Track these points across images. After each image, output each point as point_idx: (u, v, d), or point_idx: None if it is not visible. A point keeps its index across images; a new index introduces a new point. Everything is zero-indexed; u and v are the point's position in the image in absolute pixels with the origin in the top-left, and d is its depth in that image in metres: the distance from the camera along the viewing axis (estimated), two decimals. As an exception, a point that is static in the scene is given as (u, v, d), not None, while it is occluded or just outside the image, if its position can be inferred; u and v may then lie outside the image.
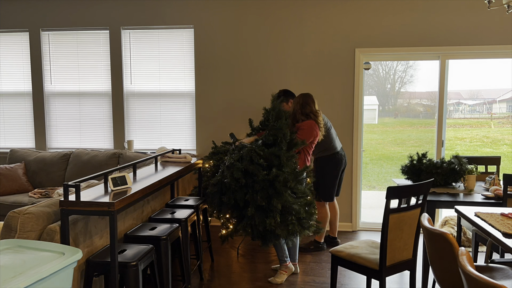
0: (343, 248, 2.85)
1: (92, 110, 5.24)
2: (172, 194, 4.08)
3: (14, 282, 1.67)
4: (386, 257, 2.59)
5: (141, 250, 2.65)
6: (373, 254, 2.73)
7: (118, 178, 2.69)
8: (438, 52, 4.55)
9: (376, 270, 2.62)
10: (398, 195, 2.62)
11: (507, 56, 4.55)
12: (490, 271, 2.37)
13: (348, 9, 4.65)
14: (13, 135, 5.44)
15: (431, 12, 4.52)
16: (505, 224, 2.40)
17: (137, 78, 5.11)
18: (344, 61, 4.69)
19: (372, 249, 2.84)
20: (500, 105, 15.24)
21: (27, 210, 2.42)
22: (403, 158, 4.36)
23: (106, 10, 5.03)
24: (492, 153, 11.92)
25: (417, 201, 2.69)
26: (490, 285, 1.42)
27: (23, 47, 5.28)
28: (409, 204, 2.64)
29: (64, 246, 2.06)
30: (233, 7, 4.82)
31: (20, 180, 4.76)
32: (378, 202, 7.21)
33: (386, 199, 2.56)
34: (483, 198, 3.29)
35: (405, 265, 2.75)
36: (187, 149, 5.10)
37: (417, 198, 2.69)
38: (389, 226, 2.57)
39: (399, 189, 2.60)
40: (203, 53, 4.92)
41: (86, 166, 4.76)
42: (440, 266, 2.16)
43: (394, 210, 2.58)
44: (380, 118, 15.49)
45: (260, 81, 4.84)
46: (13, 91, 5.36)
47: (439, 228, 2.15)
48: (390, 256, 2.62)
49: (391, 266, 2.64)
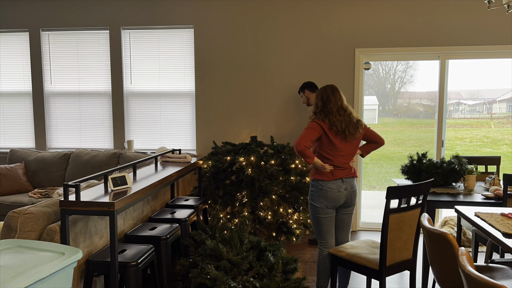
0: (343, 248, 2.85)
1: (92, 110, 5.24)
2: (172, 194, 4.08)
3: (14, 282, 1.67)
4: (386, 257, 2.59)
5: (141, 250, 2.65)
6: (373, 254, 2.74)
7: (118, 178, 2.69)
8: (438, 52, 4.55)
9: (376, 270, 2.62)
10: (398, 195, 2.61)
11: (507, 56, 4.55)
12: (490, 271, 2.37)
13: (348, 9, 4.65)
14: (13, 135, 5.44)
15: (431, 12, 4.52)
16: (505, 224, 2.40)
17: (137, 78, 5.11)
18: (344, 61, 4.69)
19: (372, 249, 2.84)
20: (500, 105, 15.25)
21: (27, 210, 2.42)
22: (403, 158, 4.35)
23: (106, 10, 5.03)
24: (492, 153, 11.92)
25: (417, 201, 2.69)
26: (490, 285, 1.42)
27: (23, 47, 5.28)
28: (409, 204, 2.64)
29: (64, 246, 2.06)
30: (233, 7, 4.82)
31: (20, 180, 4.76)
32: (378, 202, 7.21)
33: (386, 199, 2.56)
34: (483, 198, 3.29)
35: (405, 265, 2.75)
36: (187, 149, 5.10)
37: (417, 198, 2.69)
38: (389, 226, 2.56)
39: (399, 189, 2.60)
40: (203, 53, 4.92)
41: (86, 166, 4.76)
42: (440, 266, 2.16)
43: (394, 210, 2.58)
44: (380, 118, 15.50)
45: (260, 81, 4.84)
46: (13, 91, 5.36)
47: (439, 228, 2.15)
48: (390, 256, 2.62)
49: (391, 266, 2.64)
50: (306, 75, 4.75)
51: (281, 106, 4.79)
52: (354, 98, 4.68)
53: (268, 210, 4.15)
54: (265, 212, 4.15)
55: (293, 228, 4.08)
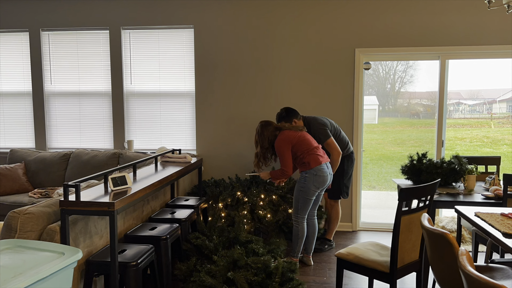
0: (349, 251, 2.82)
1: (92, 110, 5.24)
2: (172, 194, 4.08)
3: (14, 282, 1.67)
4: (397, 260, 2.55)
5: (141, 250, 2.65)
6: (381, 257, 2.70)
7: (118, 178, 2.69)
8: (438, 52, 4.55)
9: (386, 272, 2.58)
10: (411, 197, 2.57)
11: (507, 56, 4.55)
12: (490, 271, 2.37)
13: (348, 9, 4.65)
14: (13, 135, 5.44)
15: (431, 12, 4.52)
16: (505, 224, 2.40)
17: (137, 78, 5.11)
18: (344, 61, 4.69)
19: (378, 251, 2.80)
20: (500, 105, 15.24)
21: (27, 210, 2.42)
22: (403, 158, 4.36)
23: (106, 10, 5.03)
24: (492, 153, 11.92)
25: (424, 202, 2.66)
26: (490, 285, 1.42)
27: (23, 47, 5.28)
28: (418, 205, 2.62)
29: (64, 246, 2.06)
30: (233, 7, 4.82)
31: (20, 180, 4.76)
32: (378, 202, 7.21)
33: (398, 201, 2.52)
34: (483, 198, 3.29)
35: (413, 267, 2.72)
36: (187, 149, 5.10)
37: (425, 199, 2.66)
38: (400, 229, 2.54)
39: (412, 190, 2.56)
40: (203, 53, 4.92)
41: (86, 166, 4.75)
42: (440, 266, 2.16)
43: (405, 212, 2.54)
44: (380, 118, 15.49)
45: (260, 81, 4.84)
46: (13, 91, 5.36)
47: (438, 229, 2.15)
48: (400, 258, 2.59)
49: (400, 268, 2.61)
50: (306, 75, 4.75)
51: (281, 105, 4.78)
52: (354, 98, 4.68)
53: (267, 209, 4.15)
54: (264, 211, 4.15)
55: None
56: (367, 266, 2.68)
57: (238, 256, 2.86)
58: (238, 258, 2.84)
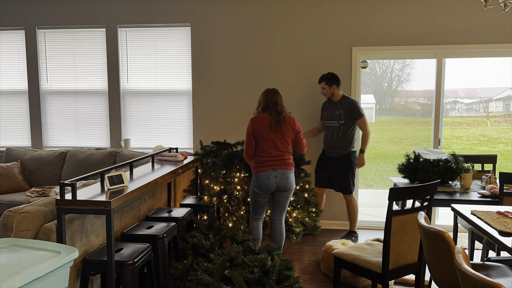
0: (348, 251, 2.81)
1: (89, 109, 5.22)
2: (169, 192, 4.08)
3: (10, 281, 1.67)
4: (388, 260, 2.53)
5: (138, 249, 2.64)
6: (377, 257, 2.69)
7: (114, 177, 2.68)
8: (435, 50, 4.56)
9: (379, 273, 2.57)
10: (401, 197, 2.52)
11: (503, 55, 4.56)
12: (486, 269, 2.38)
13: (345, 8, 4.64)
14: (9, 134, 5.41)
15: (428, 10, 4.53)
16: (501, 222, 2.41)
17: (134, 76, 5.10)
18: (341, 59, 4.69)
19: (377, 251, 2.80)
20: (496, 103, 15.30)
21: (23, 209, 2.41)
22: (400, 156, 4.38)
23: (102, 8, 5.01)
24: (488, 151, 11.96)
25: (422, 203, 2.60)
26: (486, 283, 1.42)
27: (19, 45, 5.25)
28: (414, 206, 2.58)
29: (60, 245, 2.05)
30: (230, 5, 4.81)
31: (16, 179, 4.74)
32: (375, 200, 7.23)
33: (388, 201, 2.49)
34: (479, 197, 3.30)
35: (410, 269, 2.69)
36: (184, 147, 5.09)
37: (423, 199, 2.61)
38: (392, 229, 2.50)
39: (402, 190, 2.50)
40: (200, 51, 4.91)
41: (83, 164, 4.74)
42: (436, 265, 2.17)
43: (397, 212, 2.50)
44: (377, 116, 15.51)
45: (257, 79, 4.83)
46: (9, 89, 5.34)
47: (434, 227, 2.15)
48: (393, 259, 2.56)
49: (394, 269, 2.59)
50: (303, 74, 4.75)
51: (278, 104, 4.78)
52: (351, 96, 4.68)
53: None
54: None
55: (293, 227, 4.08)
56: (360, 266, 2.68)
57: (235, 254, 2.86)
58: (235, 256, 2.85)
